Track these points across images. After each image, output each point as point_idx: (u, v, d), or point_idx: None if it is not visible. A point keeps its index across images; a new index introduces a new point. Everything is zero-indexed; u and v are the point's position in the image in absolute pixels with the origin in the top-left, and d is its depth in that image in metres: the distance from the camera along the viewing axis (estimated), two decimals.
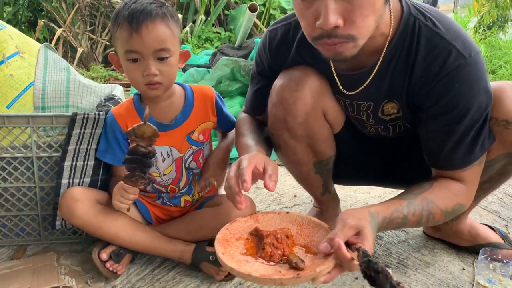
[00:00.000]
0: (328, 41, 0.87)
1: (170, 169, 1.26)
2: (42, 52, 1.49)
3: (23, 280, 1.14)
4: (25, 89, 1.39)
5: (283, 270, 0.84)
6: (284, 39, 1.15)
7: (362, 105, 1.12)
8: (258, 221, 0.98)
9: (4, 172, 1.26)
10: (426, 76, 0.98)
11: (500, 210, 1.64)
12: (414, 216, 0.97)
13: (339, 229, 0.84)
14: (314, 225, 0.96)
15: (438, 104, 0.99)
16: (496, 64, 4.57)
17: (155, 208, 1.32)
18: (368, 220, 0.88)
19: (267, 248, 0.89)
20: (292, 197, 1.74)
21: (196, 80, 2.89)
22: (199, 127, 1.25)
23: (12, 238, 1.35)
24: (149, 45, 1.07)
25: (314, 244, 0.92)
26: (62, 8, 4.84)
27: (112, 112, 1.24)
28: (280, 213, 1.00)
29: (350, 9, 0.83)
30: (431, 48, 0.96)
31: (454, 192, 1.04)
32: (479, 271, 1.20)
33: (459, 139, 1.00)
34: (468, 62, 0.95)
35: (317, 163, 1.22)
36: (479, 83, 0.97)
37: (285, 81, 1.12)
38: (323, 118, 1.16)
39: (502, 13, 5.24)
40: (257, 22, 4.83)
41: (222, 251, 0.87)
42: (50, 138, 1.26)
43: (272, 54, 1.17)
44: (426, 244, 1.39)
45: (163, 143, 1.22)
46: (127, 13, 1.08)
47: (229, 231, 0.94)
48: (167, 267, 1.26)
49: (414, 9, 1.00)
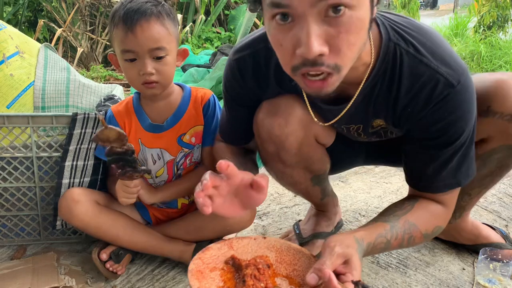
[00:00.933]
0: (311, 71, 0.75)
1: (162, 171, 1.25)
2: (42, 52, 1.49)
3: (23, 280, 1.14)
4: (25, 89, 1.39)
5: None
6: (257, 70, 1.02)
7: (351, 128, 1.08)
8: (232, 247, 0.90)
9: (4, 172, 1.26)
10: (412, 107, 0.92)
11: (500, 210, 1.64)
12: (397, 240, 0.95)
13: (327, 257, 0.79)
14: (295, 252, 0.89)
15: (425, 132, 0.95)
16: (496, 64, 4.57)
17: (154, 209, 1.32)
18: (355, 247, 0.83)
19: (248, 280, 0.81)
20: (292, 197, 1.74)
21: (196, 80, 2.89)
22: (191, 129, 1.23)
23: (12, 238, 1.35)
24: (144, 44, 1.07)
25: (297, 274, 0.86)
26: (62, 8, 4.84)
27: (111, 110, 1.24)
28: (257, 238, 0.93)
29: (336, 35, 0.72)
30: (416, 78, 0.89)
31: (433, 215, 1.02)
32: (479, 271, 1.20)
33: (444, 163, 0.97)
34: (457, 89, 0.88)
35: (314, 177, 1.21)
36: (469, 109, 0.93)
37: (271, 117, 1.05)
38: (315, 143, 1.13)
39: (502, 13, 5.24)
40: (257, 22, 4.83)
41: (197, 285, 0.78)
42: (50, 138, 1.26)
43: (248, 86, 1.05)
44: (426, 244, 1.39)
45: (153, 145, 1.22)
46: (123, 12, 1.08)
47: (202, 260, 0.86)
48: (167, 267, 1.26)
49: (394, 34, 0.90)
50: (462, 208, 1.25)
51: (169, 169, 1.25)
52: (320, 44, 0.71)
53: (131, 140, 1.22)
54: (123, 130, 1.18)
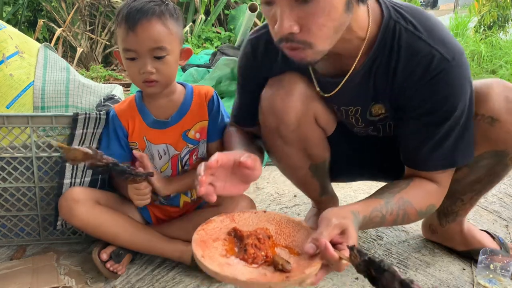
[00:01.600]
0: (286, 45, 0.88)
1: (167, 166, 1.26)
2: (42, 52, 1.49)
3: (23, 280, 1.14)
4: (24, 89, 1.39)
5: (268, 273, 0.80)
6: (267, 48, 1.12)
7: (350, 110, 1.11)
8: (234, 220, 0.94)
9: (4, 172, 1.26)
10: (409, 81, 0.97)
11: (500, 210, 1.64)
12: (391, 216, 0.98)
13: (323, 228, 0.82)
14: (294, 225, 0.93)
15: (421, 107, 0.99)
16: (496, 64, 4.57)
17: (155, 208, 1.32)
18: (351, 218, 0.87)
19: (250, 249, 0.85)
20: (292, 197, 1.74)
21: (196, 80, 2.89)
22: (196, 125, 1.24)
23: (11, 238, 1.35)
24: (144, 44, 1.08)
25: (296, 245, 0.89)
26: (62, 8, 4.84)
27: (114, 110, 1.24)
28: (258, 212, 0.97)
29: (304, 16, 0.84)
30: (413, 53, 0.95)
31: (428, 193, 1.04)
32: (479, 271, 1.20)
33: (439, 141, 1.00)
34: (452, 65, 0.94)
35: (313, 166, 1.22)
36: (463, 86, 0.97)
37: (274, 90, 1.11)
38: (314, 123, 1.16)
39: (502, 13, 5.24)
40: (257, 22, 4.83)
41: (201, 254, 0.81)
42: (50, 138, 1.25)
43: (258, 63, 1.15)
44: (426, 245, 1.39)
45: (159, 141, 1.23)
46: (126, 11, 1.09)
47: (205, 231, 0.89)
48: (167, 267, 1.25)
49: (395, 12, 0.98)
50: (455, 213, 1.25)
51: (173, 164, 1.26)
52: (290, 24, 0.84)
53: (136, 138, 1.23)
54: (127, 129, 1.23)
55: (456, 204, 1.22)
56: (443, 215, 1.27)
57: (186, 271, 1.23)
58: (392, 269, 0.71)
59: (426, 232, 1.41)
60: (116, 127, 1.23)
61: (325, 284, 1.17)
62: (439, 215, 1.29)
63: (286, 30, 0.84)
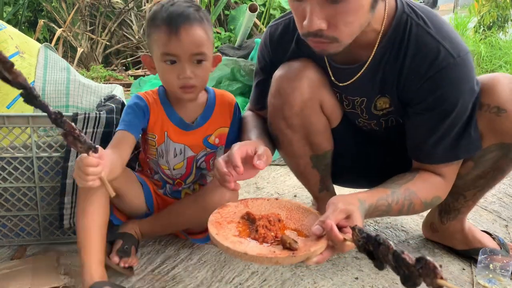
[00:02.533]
0: (313, 40, 0.94)
1: (181, 165, 1.27)
2: (42, 52, 1.49)
3: (23, 280, 1.14)
4: None
5: (277, 250, 0.86)
6: (284, 33, 1.19)
7: (356, 101, 1.14)
8: (248, 206, 1.01)
9: (4, 172, 1.26)
10: (415, 73, 1.01)
11: (500, 210, 1.64)
12: (397, 205, 1.02)
13: (330, 212, 0.87)
14: (304, 211, 1.00)
15: (425, 101, 1.02)
16: (496, 64, 4.57)
17: (158, 197, 1.33)
18: (357, 205, 0.91)
19: (260, 229, 0.91)
20: (292, 197, 1.74)
21: None
22: (216, 131, 1.26)
23: (12, 238, 1.35)
24: (187, 48, 1.08)
25: (304, 228, 0.95)
26: (62, 8, 4.84)
27: (139, 94, 1.24)
28: (270, 199, 1.04)
29: (334, 14, 0.88)
30: (421, 46, 1.00)
31: (433, 185, 1.09)
32: (479, 271, 1.20)
33: (442, 135, 1.04)
34: (457, 62, 0.98)
35: (314, 156, 1.23)
36: (466, 83, 1.00)
37: (284, 72, 1.15)
38: (319, 110, 1.18)
39: (502, 13, 5.24)
40: (257, 22, 4.83)
41: (216, 232, 0.88)
42: (50, 138, 1.26)
43: (273, 48, 1.21)
44: (426, 244, 1.39)
45: (179, 140, 1.24)
46: (166, 15, 1.08)
47: (220, 214, 0.96)
48: (167, 267, 1.26)
49: (408, 7, 1.03)
50: (457, 210, 1.25)
51: (188, 164, 1.27)
52: (319, 22, 0.88)
53: (157, 131, 1.22)
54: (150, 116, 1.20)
55: (458, 201, 1.22)
56: (445, 212, 1.28)
57: (186, 271, 1.23)
58: (387, 243, 0.74)
59: (426, 231, 1.41)
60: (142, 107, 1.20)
61: (325, 284, 1.17)
62: (440, 212, 1.29)
63: (315, 27, 0.89)
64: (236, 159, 0.95)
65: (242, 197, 1.68)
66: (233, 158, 0.95)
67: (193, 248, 1.34)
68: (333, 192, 1.38)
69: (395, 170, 1.16)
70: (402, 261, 0.69)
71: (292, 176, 1.34)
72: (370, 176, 1.33)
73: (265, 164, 0.98)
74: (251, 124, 1.26)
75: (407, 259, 0.69)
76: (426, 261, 0.66)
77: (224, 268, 1.24)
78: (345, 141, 1.24)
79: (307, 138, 1.20)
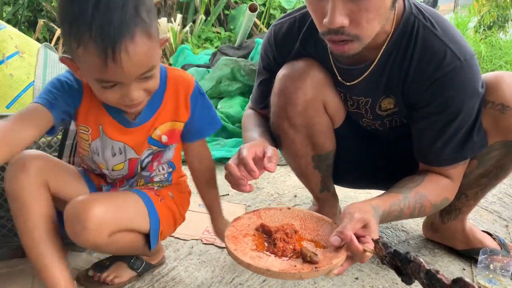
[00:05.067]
0: (335, 38, 0.92)
1: (122, 167, 1.06)
2: (42, 52, 1.49)
3: (24, 281, 1.14)
4: (24, 89, 1.39)
5: (298, 264, 0.85)
6: (289, 32, 1.17)
7: (361, 101, 1.14)
8: (261, 217, 0.99)
9: (4, 172, 1.25)
10: (421, 75, 1.01)
11: (500, 210, 1.64)
12: (409, 209, 1.02)
13: (347, 222, 0.86)
14: (317, 220, 0.98)
15: (431, 105, 1.02)
16: (496, 64, 4.56)
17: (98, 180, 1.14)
18: (372, 213, 0.91)
19: (279, 243, 0.89)
20: (292, 197, 1.74)
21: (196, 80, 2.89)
22: (165, 125, 1.02)
23: (12, 238, 1.35)
24: (131, 72, 0.83)
25: (321, 238, 0.94)
26: None
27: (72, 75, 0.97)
28: (282, 209, 1.01)
29: (356, 11, 0.87)
30: (427, 48, 1.00)
31: (442, 187, 1.09)
32: (479, 271, 1.20)
33: (449, 138, 1.04)
34: (463, 65, 0.98)
35: (316, 156, 1.23)
36: (472, 87, 1.00)
37: (288, 71, 1.15)
38: (323, 110, 1.17)
39: (502, 13, 5.23)
40: (257, 22, 4.83)
41: (234, 248, 0.87)
42: (50, 138, 1.25)
43: (277, 47, 1.20)
44: (426, 244, 1.39)
45: (117, 138, 1.01)
46: (94, 30, 0.77)
47: (235, 228, 0.94)
48: (167, 267, 1.25)
49: (415, 9, 1.03)
50: (458, 209, 1.25)
51: (131, 165, 1.06)
52: (341, 18, 0.87)
53: (91, 124, 1.00)
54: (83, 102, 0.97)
55: (459, 200, 1.22)
56: (446, 212, 1.28)
57: (186, 272, 1.23)
58: (418, 260, 0.73)
59: (426, 231, 1.41)
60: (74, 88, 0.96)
61: (325, 284, 1.17)
62: (441, 212, 1.29)
63: (338, 24, 0.87)
64: (251, 163, 0.94)
65: (241, 197, 1.69)
66: (247, 162, 0.94)
67: (193, 248, 1.34)
68: (334, 192, 1.38)
69: (397, 170, 1.16)
70: (438, 281, 0.68)
71: (292, 176, 1.34)
72: (372, 176, 1.33)
73: (275, 166, 0.97)
74: (253, 122, 1.25)
75: (443, 279, 0.68)
76: (464, 282, 0.64)
77: (224, 269, 1.24)
78: (347, 142, 1.24)
79: (309, 138, 1.19)
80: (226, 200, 1.66)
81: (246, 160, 0.94)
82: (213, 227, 1.18)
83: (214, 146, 2.21)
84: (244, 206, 1.62)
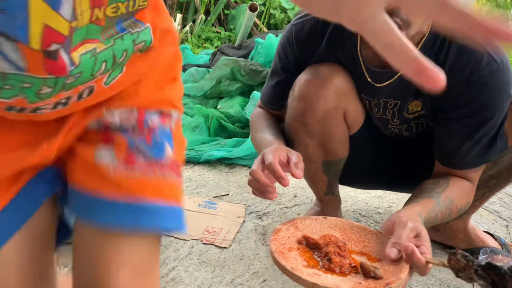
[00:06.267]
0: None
1: None
2: None
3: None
4: None
5: (362, 281, 0.77)
6: (313, 32, 1.12)
7: (389, 103, 1.11)
8: (298, 228, 0.91)
9: None
10: (456, 78, 0.97)
11: (500, 210, 1.64)
12: (441, 215, 1.01)
13: (402, 232, 0.83)
14: (359, 230, 0.92)
15: (465, 108, 1.00)
16: None
17: None
18: (419, 221, 0.88)
19: (335, 258, 0.82)
20: (293, 197, 1.74)
21: (196, 80, 2.89)
22: None
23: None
24: None
25: (370, 250, 0.87)
26: None
27: None
28: (318, 218, 0.95)
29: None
30: (463, 52, 0.96)
31: (465, 191, 1.07)
32: None
33: (477, 141, 1.02)
34: (500, 68, 0.95)
35: (325, 162, 1.21)
36: (507, 90, 0.98)
37: (310, 76, 1.10)
38: (342, 120, 1.15)
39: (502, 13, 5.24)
40: (257, 22, 4.83)
41: (290, 266, 0.78)
42: None
43: (299, 47, 1.14)
44: None
45: None
46: None
47: (278, 242, 0.86)
48: (167, 268, 1.25)
49: None
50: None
51: None
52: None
53: None
54: None
55: None
56: None
57: (186, 272, 1.23)
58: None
59: (427, 231, 1.41)
60: None
61: None
62: None
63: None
64: (279, 170, 0.91)
65: (241, 197, 1.68)
66: (276, 169, 0.91)
67: (193, 248, 1.34)
68: (337, 195, 1.38)
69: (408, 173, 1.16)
70: None
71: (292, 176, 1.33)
72: (381, 180, 1.33)
73: (302, 172, 0.94)
74: (265, 123, 1.21)
75: None
76: None
77: (224, 269, 1.24)
78: (360, 147, 1.23)
79: (323, 145, 1.17)
80: (226, 200, 1.65)
81: (274, 166, 0.91)
82: None
83: (214, 146, 2.21)
84: (244, 206, 1.61)
